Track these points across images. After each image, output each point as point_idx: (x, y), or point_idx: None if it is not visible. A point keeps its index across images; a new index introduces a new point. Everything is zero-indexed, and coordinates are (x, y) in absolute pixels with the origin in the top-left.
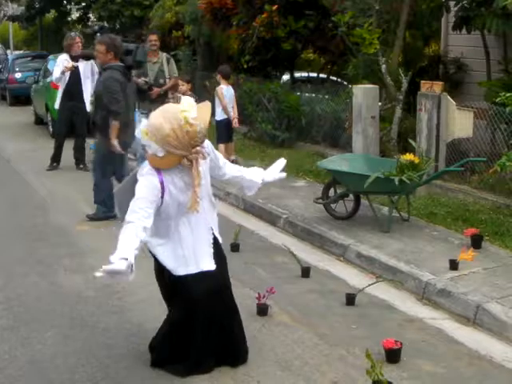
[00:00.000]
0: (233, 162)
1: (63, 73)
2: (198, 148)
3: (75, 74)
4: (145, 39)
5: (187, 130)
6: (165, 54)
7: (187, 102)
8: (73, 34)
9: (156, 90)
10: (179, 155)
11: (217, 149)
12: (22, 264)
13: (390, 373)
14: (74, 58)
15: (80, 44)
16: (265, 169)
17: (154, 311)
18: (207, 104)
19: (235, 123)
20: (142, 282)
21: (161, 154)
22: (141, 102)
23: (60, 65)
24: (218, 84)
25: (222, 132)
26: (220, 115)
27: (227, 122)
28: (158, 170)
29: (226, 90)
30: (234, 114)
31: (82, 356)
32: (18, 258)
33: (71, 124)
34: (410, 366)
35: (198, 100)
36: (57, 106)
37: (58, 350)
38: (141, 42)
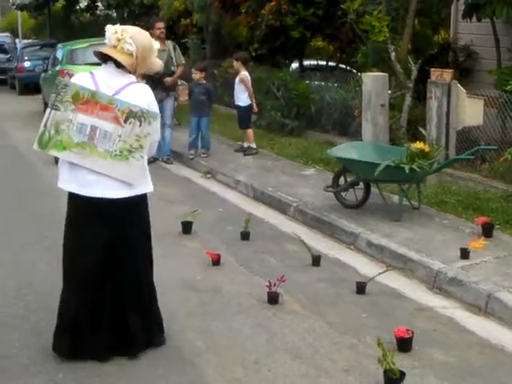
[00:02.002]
0: (247, 149)
1: None
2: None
3: None
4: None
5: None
6: (169, 41)
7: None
8: None
9: (170, 78)
10: (139, 71)
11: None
12: (32, 252)
13: (401, 361)
14: None
15: None
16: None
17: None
18: None
19: (255, 109)
20: None
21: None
22: (152, 90)
23: None
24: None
25: (247, 117)
26: (245, 101)
27: (250, 109)
28: None
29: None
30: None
31: None
32: (27, 246)
33: None
34: (421, 355)
35: (212, 89)
36: None
37: None
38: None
